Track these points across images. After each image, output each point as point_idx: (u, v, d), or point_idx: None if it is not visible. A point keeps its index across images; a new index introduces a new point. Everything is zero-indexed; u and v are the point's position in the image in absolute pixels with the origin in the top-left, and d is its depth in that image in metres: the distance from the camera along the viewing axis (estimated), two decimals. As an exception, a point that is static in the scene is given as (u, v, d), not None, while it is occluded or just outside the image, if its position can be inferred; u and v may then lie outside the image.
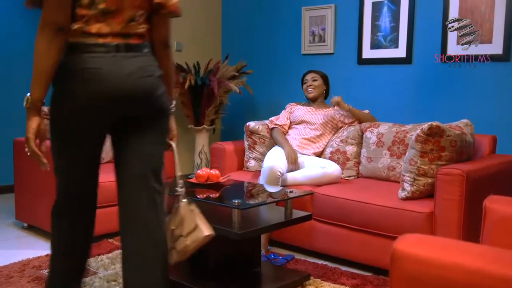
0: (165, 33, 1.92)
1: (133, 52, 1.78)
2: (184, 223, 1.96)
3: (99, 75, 1.70)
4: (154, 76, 1.82)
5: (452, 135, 2.71)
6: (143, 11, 1.81)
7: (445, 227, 2.57)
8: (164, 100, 1.86)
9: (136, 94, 1.76)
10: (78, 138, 1.80)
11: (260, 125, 3.74)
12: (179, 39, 4.74)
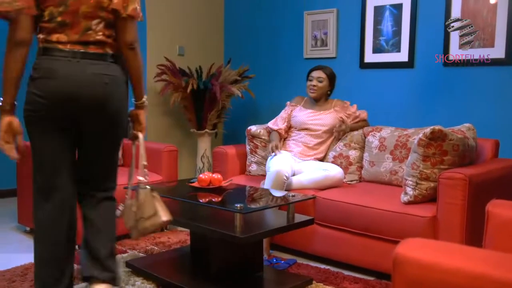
0: (128, 37, 2.10)
1: (91, 59, 2.03)
2: (144, 207, 2.19)
3: (55, 75, 1.98)
4: (110, 84, 2.06)
5: (455, 139, 2.70)
6: (99, 20, 2.04)
7: (447, 231, 2.57)
8: (119, 105, 2.10)
9: (87, 98, 2.01)
10: (41, 128, 2.06)
11: (262, 129, 3.74)
12: (181, 44, 4.75)
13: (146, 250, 3.25)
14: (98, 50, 2.05)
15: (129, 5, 2.07)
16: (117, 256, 2.41)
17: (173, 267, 2.91)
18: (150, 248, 3.30)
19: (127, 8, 2.07)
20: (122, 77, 2.13)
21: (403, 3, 3.80)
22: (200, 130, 4.54)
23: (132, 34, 2.11)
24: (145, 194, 2.20)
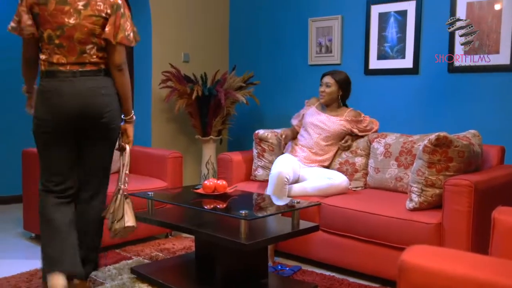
0: (117, 60, 2.43)
1: (88, 76, 2.38)
2: (118, 211, 2.49)
3: (61, 93, 2.34)
4: (106, 94, 2.41)
5: (460, 146, 2.70)
6: (92, 45, 2.39)
7: (453, 238, 2.56)
8: (112, 115, 2.43)
9: (89, 107, 2.36)
10: (46, 140, 2.42)
11: (270, 132, 3.73)
12: (186, 50, 4.77)
13: (151, 256, 3.25)
14: (93, 68, 2.40)
15: (119, 33, 2.39)
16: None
17: (178, 273, 2.90)
18: (155, 254, 3.30)
19: (117, 36, 2.39)
20: (114, 90, 2.46)
21: (407, 9, 3.81)
22: (205, 136, 4.55)
23: (120, 57, 2.43)
24: (120, 199, 2.50)
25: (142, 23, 4.57)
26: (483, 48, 3.46)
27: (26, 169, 3.73)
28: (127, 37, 2.42)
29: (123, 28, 2.40)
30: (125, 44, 2.43)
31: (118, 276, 2.88)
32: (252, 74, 4.57)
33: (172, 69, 4.44)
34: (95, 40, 2.37)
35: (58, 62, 2.36)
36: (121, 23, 2.40)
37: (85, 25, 2.34)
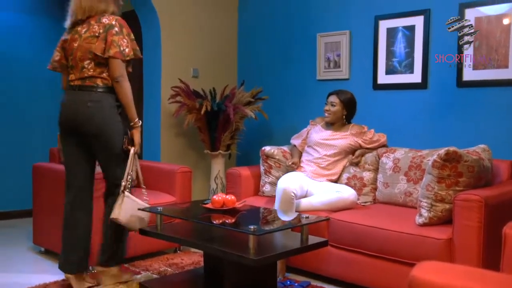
0: (112, 73, 2.74)
1: (84, 90, 2.78)
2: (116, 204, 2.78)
3: (65, 102, 2.87)
4: (92, 106, 2.75)
5: (470, 161, 2.69)
6: (89, 61, 2.77)
7: (464, 254, 2.53)
8: (98, 123, 2.75)
9: (77, 116, 2.79)
10: (63, 141, 2.93)
11: (276, 149, 3.74)
12: (195, 66, 4.81)
13: (160, 271, 3.25)
14: (90, 83, 2.78)
15: (112, 48, 2.69)
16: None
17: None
18: (163, 269, 3.29)
19: (109, 51, 2.70)
20: (108, 102, 2.77)
21: (415, 24, 3.82)
22: (214, 151, 4.56)
23: (116, 71, 2.72)
24: (121, 196, 2.77)
25: (151, 39, 4.62)
26: (492, 63, 3.46)
27: (36, 183, 3.75)
28: (122, 52, 2.71)
29: (117, 44, 2.70)
30: (118, 58, 2.71)
31: (127, 291, 2.88)
32: (261, 89, 4.59)
33: (181, 84, 4.47)
34: (91, 56, 2.75)
35: (70, 79, 2.86)
36: (115, 39, 2.71)
37: (83, 45, 2.77)
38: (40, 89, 5.08)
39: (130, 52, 2.75)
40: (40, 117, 5.08)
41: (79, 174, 2.91)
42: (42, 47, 5.07)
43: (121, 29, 2.75)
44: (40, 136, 4.99)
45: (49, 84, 5.13)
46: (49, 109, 5.13)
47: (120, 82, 2.73)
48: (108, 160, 2.86)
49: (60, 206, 3.46)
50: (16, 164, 4.86)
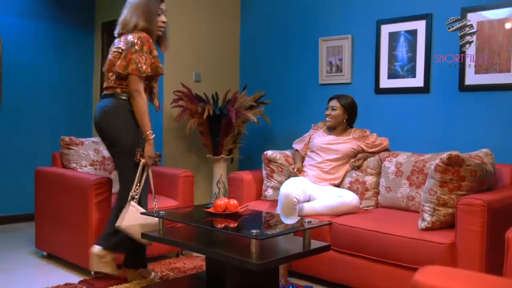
0: (129, 87, 2.95)
1: (104, 98, 3.06)
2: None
3: (95, 110, 3.13)
4: (108, 112, 2.98)
5: (472, 165, 2.68)
6: (112, 73, 3.02)
7: (466, 258, 2.53)
8: (112, 129, 2.98)
9: (96, 121, 3.06)
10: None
11: (278, 153, 3.74)
12: (198, 70, 4.82)
13: (162, 275, 3.24)
14: (110, 91, 3.03)
15: (130, 65, 2.89)
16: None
17: (188, 293, 2.89)
18: (165, 273, 3.29)
19: (127, 68, 2.90)
20: (124, 110, 2.96)
21: (417, 29, 3.83)
22: (216, 155, 4.56)
23: (132, 85, 2.93)
24: (127, 204, 2.94)
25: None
26: (494, 67, 3.46)
27: (38, 188, 3.76)
28: (139, 69, 2.90)
29: (134, 61, 2.89)
30: (135, 74, 2.90)
31: (129, 295, 2.88)
32: (263, 94, 4.60)
33: (184, 88, 4.48)
34: (114, 69, 2.97)
35: (102, 88, 3.35)
36: (133, 57, 2.89)
37: (110, 59, 3.03)
38: (42, 93, 5.09)
39: (147, 69, 2.92)
40: (43, 121, 5.09)
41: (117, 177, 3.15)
42: (44, 51, 5.09)
43: (141, 46, 2.90)
44: (43, 140, 5.00)
45: (51, 88, 5.15)
46: (52, 113, 5.15)
47: (134, 97, 2.93)
48: (117, 169, 3.11)
49: (62, 210, 3.47)
50: (19, 168, 4.87)
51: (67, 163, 3.73)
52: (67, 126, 5.16)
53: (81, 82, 5.40)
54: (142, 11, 2.97)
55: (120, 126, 2.97)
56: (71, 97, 5.31)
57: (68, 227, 3.43)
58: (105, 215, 3.28)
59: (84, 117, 5.39)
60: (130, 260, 3.13)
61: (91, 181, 3.24)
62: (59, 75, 5.21)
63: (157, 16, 3.02)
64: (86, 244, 3.24)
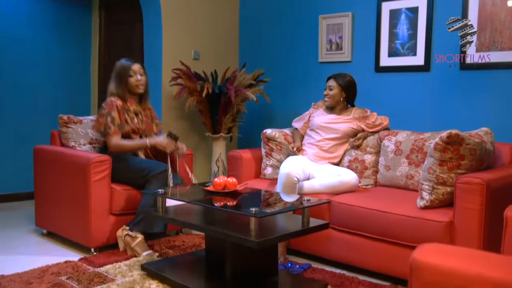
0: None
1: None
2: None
3: None
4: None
5: (472, 144, 2.67)
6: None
7: (465, 236, 2.54)
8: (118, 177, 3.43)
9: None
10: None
11: (277, 132, 3.73)
12: (196, 48, 4.77)
13: (161, 253, 3.26)
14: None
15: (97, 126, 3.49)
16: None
17: (188, 270, 2.91)
18: (165, 251, 3.31)
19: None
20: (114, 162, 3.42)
21: (419, 6, 3.78)
22: (215, 134, 4.55)
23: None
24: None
25: (152, 21, 4.58)
26: (496, 45, 3.43)
27: (37, 166, 3.75)
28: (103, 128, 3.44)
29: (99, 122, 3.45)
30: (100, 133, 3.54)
31: (129, 272, 2.90)
32: (263, 72, 4.56)
33: (183, 66, 4.45)
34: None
35: None
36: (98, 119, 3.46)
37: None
38: (40, 72, 5.06)
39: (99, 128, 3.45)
40: (41, 100, 5.07)
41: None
42: (42, 28, 5.04)
43: (103, 109, 3.45)
44: (42, 118, 4.98)
45: (50, 66, 5.12)
46: (50, 91, 5.13)
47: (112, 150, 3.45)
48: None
49: (62, 188, 3.48)
50: (18, 147, 4.86)
51: (65, 141, 3.72)
52: (66, 104, 5.14)
53: (80, 60, 5.36)
54: (114, 77, 3.51)
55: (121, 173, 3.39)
56: (70, 75, 5.28)
57: (68, 205, 3.44)
58: (105, 193, 3.28)
59: (82, 96, 5.37)
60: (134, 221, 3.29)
61: (91, 159, 3.24)
62: (57, 53, 5.17)
63: (129, 78, 3.47)
64: (86, 222, 3.26)
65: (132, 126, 3.49)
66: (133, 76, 3.50)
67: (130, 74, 3.49)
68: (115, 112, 3.40)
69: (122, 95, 3.49)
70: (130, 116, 3.50)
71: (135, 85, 3.51)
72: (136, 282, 2.73)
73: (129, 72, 3.49)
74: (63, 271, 2.92)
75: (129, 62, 3.54)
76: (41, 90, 5.08)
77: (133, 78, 3.50)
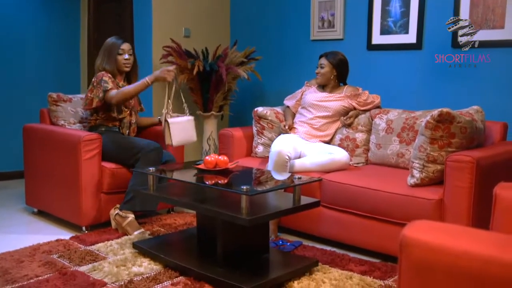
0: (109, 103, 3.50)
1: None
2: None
3: None
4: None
5: (462, 122, 2.68)
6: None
7: (454, 214, 2.56)
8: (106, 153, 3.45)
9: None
10: None
11: (269, 110, 3.72)
12: (187, 25, 4.72)
13: (153, 231, 3.27)
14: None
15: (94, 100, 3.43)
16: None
17: (179, 248, 2.93)
18: (156, 229, 3.32)
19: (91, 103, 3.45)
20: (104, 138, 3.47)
21: (412, -17, 3.75)
22: (206, 112, 4.53)
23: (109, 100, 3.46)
24: (165, 124, 3.49)
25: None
26: (488, 23, 3.41)
27: (27, 144, 3.73)
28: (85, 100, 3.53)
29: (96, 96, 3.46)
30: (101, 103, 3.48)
31: (120, 251, 2.90)
32: (254, 49, 4.53)
33: (173, 44, 4.40)
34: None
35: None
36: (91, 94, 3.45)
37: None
38: (29, 49, 4.98)
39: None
40: (30, 78, 5.00)
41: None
42: (30, 5, 4.95)
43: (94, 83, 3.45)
44: (31, 97, 4.92)
45: (38, 44, 5.04)
46: (39, 69, 5.06)
47: (112, 102, 3.43)
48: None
49: (52, 167, 3.46)
50: (7, 125, 4.81)
51: (55, 120, 3.69)
52: (55, 82, 5.08)
53: (68, 37, 5.28)
54: (102, 53, 3.53)
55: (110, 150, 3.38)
56: (59, 53, 5.20)
57: (59, 184, 3.42)
58: (95, 171, 3.27)
59: (72, 74, 5.30)
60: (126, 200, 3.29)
61: (81, 137, 3.22)
62: (46, 30, 5.09)
63: (118, 56, 3.49)
64: (77, 200, 3.25)
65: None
66: (121, 54, 3.52)
67: (119, 52, 3.51)
68: (107, 78, 3.43)
69: (110, 70, 3.50)
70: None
71: (122, 63, 3.53)
72: (127, 260, 2.74)
73: (118, 50, 3.51)
74: (54, 250, 2.92)
75: (119, 40, 3.55)
76: (30, 68, 5.01)
77: (121, 57, 3.52)
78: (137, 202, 3.25)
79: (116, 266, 2.65)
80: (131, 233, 3.15)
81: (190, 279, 2.50)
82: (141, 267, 2.66)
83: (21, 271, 2.59)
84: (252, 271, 2.51)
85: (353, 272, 2.63)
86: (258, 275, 2.47)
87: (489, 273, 0.96)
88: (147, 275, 2.56)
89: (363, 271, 2.65)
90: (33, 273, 2.57)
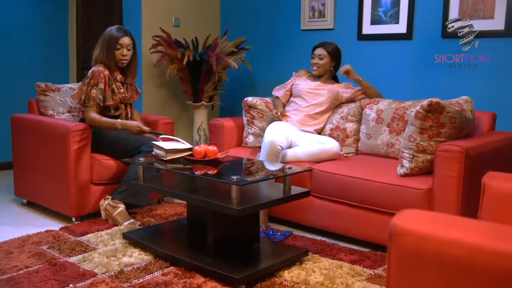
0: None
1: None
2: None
3: None
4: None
5: (452, 112, 2.69)
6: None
7: (443, 203, 2.58)
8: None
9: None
10: None
11: (258, 100, 3.71)
12: (177, 14, 4.68)
13: (143, 222, 3.26)
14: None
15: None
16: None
17: (169, 239, 2.92)
18: (146, 220, 3.31)
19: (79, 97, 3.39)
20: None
21: (402, -27, 3.74)
22: (197, 102, 4.51)
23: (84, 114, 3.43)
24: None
25: (131, -14, 4.47)
26: (478, 13, 3.42)
27: (15, 135, 3.69)
28: (79, 97, 3.39)
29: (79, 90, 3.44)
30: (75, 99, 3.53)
31: (111, 241, 2.90)
32: (244, 39, 4.51)
33: (163, 33, 4.37)
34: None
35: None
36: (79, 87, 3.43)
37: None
38: (16, 38, 4.92)
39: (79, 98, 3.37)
40: (19, 68, 4.94)
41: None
42: (17, -7, 4.89)
43: (89, 79, 3.34)
44: (19, 87, 4.87)
45: (27, 33, 4.98)
46: (27, 58, 5.00)
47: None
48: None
49: (41, 158, 3.43)
50: (-5, 116, 4.76)
51: (44, 110, 3.65)
52: (43, 71, 5.02)
53: (57, 26, 5.22)
54: (101, 45, 3.42)
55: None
56: (47, 42, 5.14)
57: (48, 175, 3.40)
58: (85, 162, 3.25)
59: (60, 63, 5.25)
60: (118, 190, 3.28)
61: (70, 128, 3.19)
62: (34, 18, 5.02)
63: (116, 51, 3.39)
64: (66, 191, 3.23)
65: (119, 96, 3.45)
66: (119, 49, 3.41)
67: (117, 47, 3.40)
68: (102, 83, 3.34)
69: (108, 64, 3.42)
70: (117, 86, 3.45)
71: (119, 59, 3.44)
72: (118, 251, 2.73)
73: (117, 45, 3.40)
74: (44, 241, 2.90)
75: (120, 33, 3.41)
76: (17, 57, 4.95)
77: (119, 52, 3.42)
78: (130, 194, 3.24)
79: (106, 257, 2.65)
80: (121, 223, 3.14)
81: (180, 269, 2.50)
82: (131, 257, 2.66)
83: (10, 262, 2.58)
84: (243, 261, 2.51)
85: (343, 261, 2.65)
86: (248, 265, 2.47)
87: (477, 261, 0.97)
88: (137, 266, 2.55)
89: (353, 260, 2.66)
90: (23, 264, 2.56)
